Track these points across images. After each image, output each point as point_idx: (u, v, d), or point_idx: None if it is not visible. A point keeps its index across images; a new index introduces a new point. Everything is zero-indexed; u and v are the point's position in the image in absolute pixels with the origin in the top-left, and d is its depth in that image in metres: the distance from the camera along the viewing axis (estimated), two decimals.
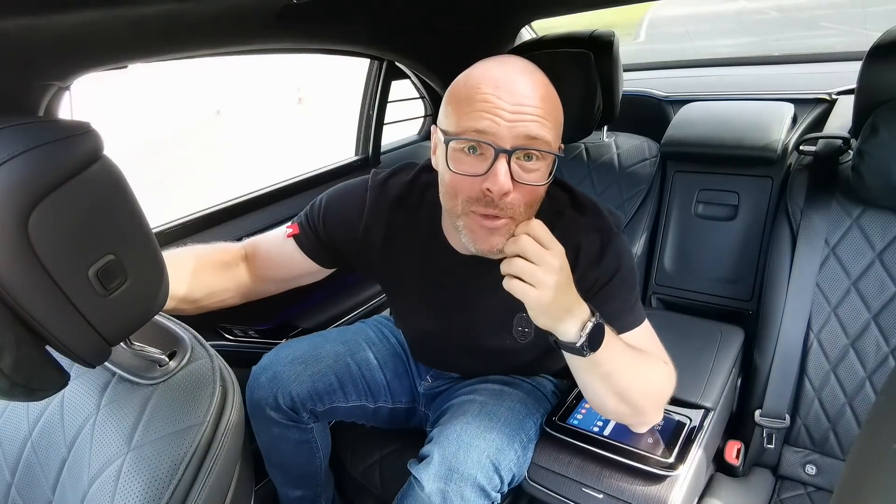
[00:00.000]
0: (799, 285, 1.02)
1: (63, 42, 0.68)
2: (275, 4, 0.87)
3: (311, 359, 0.99)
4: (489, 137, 0.64)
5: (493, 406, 0.88)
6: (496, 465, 0.81)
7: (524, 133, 0.64)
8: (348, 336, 1.07)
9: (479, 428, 0.83)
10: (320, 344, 1.03)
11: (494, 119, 0.63)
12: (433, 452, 0.81)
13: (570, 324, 0.66)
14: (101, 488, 0.51)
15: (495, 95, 0.64)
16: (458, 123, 0.66)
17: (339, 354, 1.01)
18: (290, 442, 1.00)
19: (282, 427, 0.98)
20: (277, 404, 0.95)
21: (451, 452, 0.80)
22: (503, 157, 0.64)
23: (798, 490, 1.00)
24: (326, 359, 1.00)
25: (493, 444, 0.82)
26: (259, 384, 0.96)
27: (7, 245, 0.42)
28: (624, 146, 1.37)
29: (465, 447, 0.80)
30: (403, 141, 1.65)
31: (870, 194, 0.97)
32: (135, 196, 0.51)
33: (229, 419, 0.57)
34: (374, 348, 1.06)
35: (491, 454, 0.81)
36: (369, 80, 1.41)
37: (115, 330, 0.51)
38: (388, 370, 1.05)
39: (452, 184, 0.68)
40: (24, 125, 0.44)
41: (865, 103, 0.96)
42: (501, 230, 0.67)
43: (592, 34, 1.27)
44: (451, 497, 0.78)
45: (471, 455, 0.80)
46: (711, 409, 0.89)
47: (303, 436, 1.01)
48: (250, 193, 1.24)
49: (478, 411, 0.86)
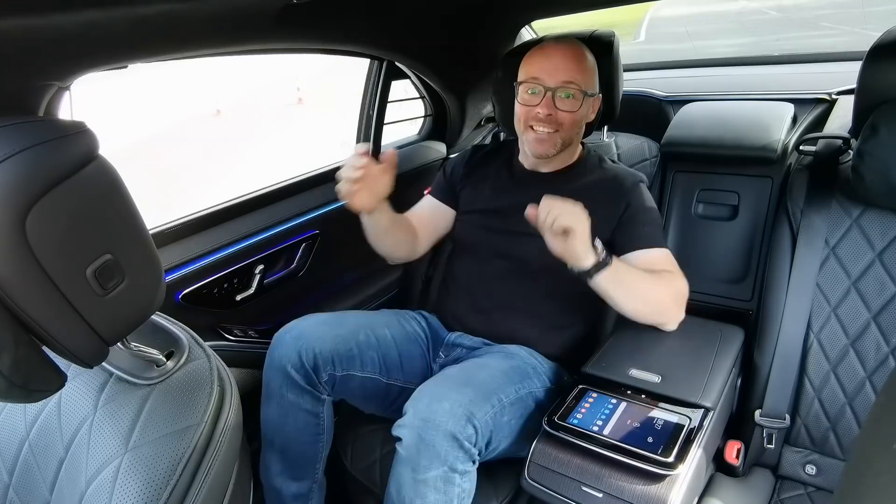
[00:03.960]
0: (799, 285, 1.02)
1: (63, 42, 0.68)
2: (275, 4, 0.87)
3: (335, 322, 1.04)
4: (539, 81, 1.06)
5: (473, 370, 0.97)
6: (468, 415, 0.84)
7: (561, 79, 1.05)
8: (369, 316, 1.15)
9: (455, 383, 0.90)
10: (344, 315, 1.11)
11: (543, 69, 1.06)
12: (408, 408, 0.87)
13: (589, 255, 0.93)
14: (99, 489, 0.51)
15: (545, 56, 1.07)
16: (523, 74, 1.09)
17: (360, 325, 1.07)
18: (300, 413, 1.00)
19: (297, 392, 0.99)
20: (301, 362, 0.97)
21: (423, 405, 0.86)
22: (548, 93, 1.05)
23: (798, 490, 1.00)
24: (349, 325, 1.05)
25: (466, 395, 0.87)
26: (283, 342, 0.99)
27: (5, 245, 0.42)
28: (624, 146, 1.37)
29: (438, 399, 0.86)
30: (404, 141, 1.65)
31: (870, 194, 0.97)
32: (131, 196, 0.50)
33: (227, 420, 0.57)
34: (392, 329, 1.11)
35: (463, 404, 0.85)
36: (369, 80, 1.41)
37: (112, 330, 0.51)
38: (402, 349, 1.10)
39: (519, 113, 1.10)
40: (18, 125, 0.44)
41: (865, 103, 0.96)
42: (548, 141, 1.08)
43: (592, 34, 1.27)
44: (424, 447, 0.82)
45: (442, 405, 0.84)
46: (711, 409, 0.89)
47: (315, 406, 1.01)
48: (250, 193, 1.24)
49: (456, 373, 0.96)
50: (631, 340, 1.06)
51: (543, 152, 1.09)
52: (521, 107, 1.09)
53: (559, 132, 1.07)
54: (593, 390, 0.94)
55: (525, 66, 1.10)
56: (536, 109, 1.06)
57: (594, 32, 1.27)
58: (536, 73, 1.06)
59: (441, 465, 0.83)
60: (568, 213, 0.88)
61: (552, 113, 1.05)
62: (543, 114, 1.05)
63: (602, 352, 1.03)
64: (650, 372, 0.95)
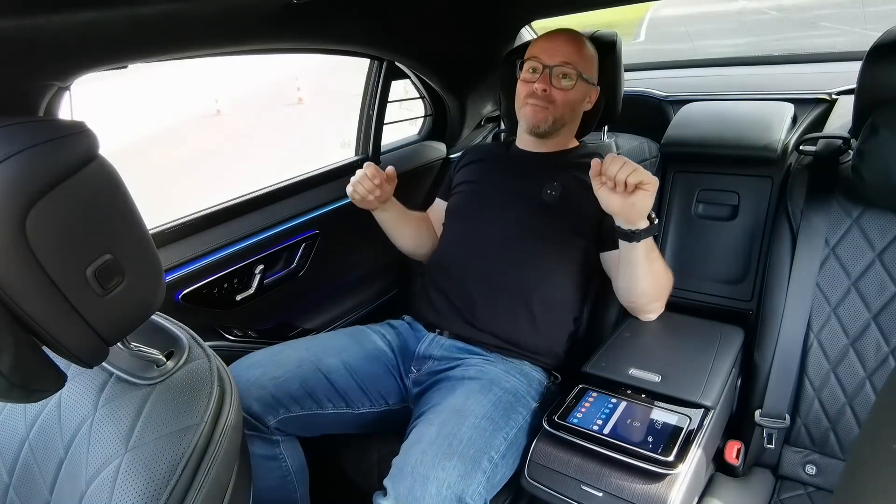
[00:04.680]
0: (799, 285, 1.02)
1: (63, 42, 0.68)
2: (275, 4, 0.87)
3: (270, 363, 0.97)
4: (539, 59, 1.12)
5: (454, 426, 0.86)
6: (460, 495, 0.77)
7: (560, 59, 1.11)
8: (314, 343, 1.07)
9: (438, 456, 0.80)
10: (281, 350, 1.02)
11: (544, 50, 1.13)
12: (389, 489, 0.78)
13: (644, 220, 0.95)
14: (99, 489, 0.51)
15: (547, 39, 1.15)
16: (527, 53, 1.15)
17: (302, 360, 0.99)
18: (256, 460, 0.93)
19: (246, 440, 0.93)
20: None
21: (405, 488, 0.77)
22: (546, 70, 1.11)
23: (798, 490, 1.00)
24: (288, 364, 0.98)
25: (455, 471, 0.79)
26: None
27: (5, 245, 0.42)
28: (624, 146, 1.37)
29: (422, 481, 0.77)
30: (404, 141, 1.65)
31: (870, 194, 0.97)
32: (131, 196, 0.50)
33: (227, 419, 0.57)
34: (345, 354, 1.04)
35: (452, 483, 0.77)
36: (369, 80, 1.41)
37: (113, 330, 0.51)
38: (361, 374, 1.03)
39: (519, 89, 1.16)
40: (18, 125, 0.44)
41: (865, 103, 0.96)
42: (541, 114, 1.13)
43: (594, 35, 1.27)
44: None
45: (428, 489, 0.76)
46: (711, 409, 0.89)
47: (268, 450, 0.95)
48: (250, 193, 1.24)
49: (435, 435, 0.84)
50: (631, 340, 1.06)
51: (536, 123, 1.13)
52: (521, 84, 1.16)
53: (551, 109, 1.12)
54: (593, 390, 0.95)
55: (529, 48, 1.17)
56: (535, 85, 1.11)
57: (595, 33, 1.27)
58: (537, 52, 1.13)
59: None
60: (641, 171, 0.90)
61: (547, 89, 1.10)
62: (539, 88, 1.10)
63: (602, 352, 1.03)
64: (650, 371, 0.95)
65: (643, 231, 0.95)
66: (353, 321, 1.41)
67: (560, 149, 1.20)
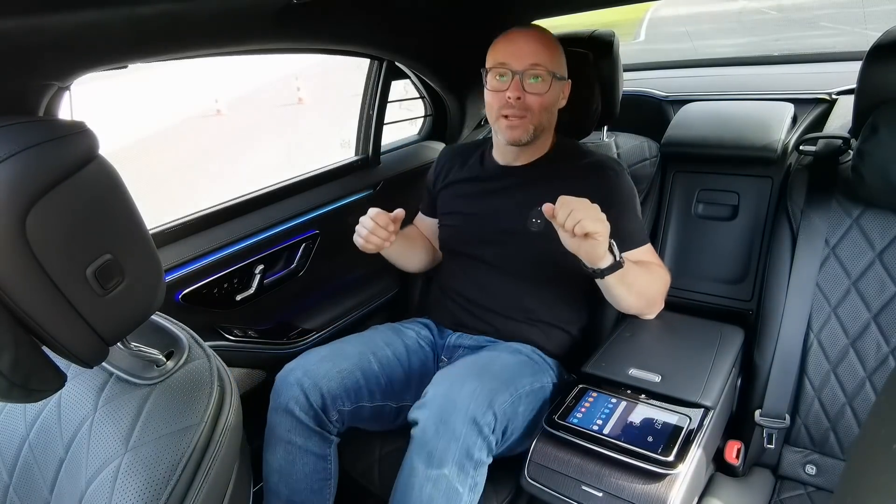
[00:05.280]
0: (799, 285, 1.02)
1: (63, 42, 0.68)
2: (275, 4, 0.87)
3: (336, 356, 1.02)
4: (506, 66, 1.03)
5: (487, 361, 0.98)
6: (490, 401, 0.85)
7: (529, 62, 1.02)
8: (367, 337, 1.12)
9: (472, 372, 0.91)
10: (342, 346, 1.07)
11: (509, 54, 1.04)
12: (428, 391, 0.89)
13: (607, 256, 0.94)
14: (99, 489, 0.51)
15: (509, 41, 1.05)
16: (490, 61, 1.07)
17: (361, 353, 1.05)
18: (308, 457, 0.96)
19: (305, 435, 0.95)
20: (309, 402, 0.94)
21: (444, 388, 0.87)
22: (516, 77, 1.03)
23: (798, 490, 1.00)
24: (351, 357, 1.03)
25: (487, 383, 0.88)
26: (288, 383, 0.95)
27: (5, 245, 0.42)
28: (624, 146, 1.37)
29: (459, 383, 0.87)
30: (404, 141, 1.65)
31: (870, 194, 0.97)
32: (131, 196, 0.50)
33: (227, 419, 0.57)
34: (393, 347, 1.10)
35: (484, 389, 0.86)
36: (369, 80, 1.41)
37: (112, 329, 0.51)
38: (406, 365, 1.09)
39: (490, 100, 1.08)
40: (18, 125, 0.44)
41: (865, 103, 0.96)
42: (520, 127, 1.06)
43: (592, 34, 1.27)
44: (443, 428, 0.83)
45: (464, 388, 0.86)
46: (711, 409, 0.89)
47: (323, 449, 0.98)
48: (250, 193, 1.24)
49: (471, 363, 0.97)
50: (631, 340, 1.06)
51: (517, 138, 1.06)
52: (490, 94, 1.07)
53: (528, 118, 1.05)
54: (593, 390, 0.95)
55: (491, 54, 1.07)
56: (506, 94, 1.03)
57: (594, 32, 1.27)
58: (503, 58, 1.04)
59: (458, 449, 0.82)
60: (591, 220, 0.86)
61: (521, 96, 1.03)
62: (513, 97, 1.03)
63: (602, 352, 1.03)
64: (650, 371, 0.95)
65: (606, 269, 0.94)
66: (354, 321, 1.41)
67: (539, 156, 1.15)
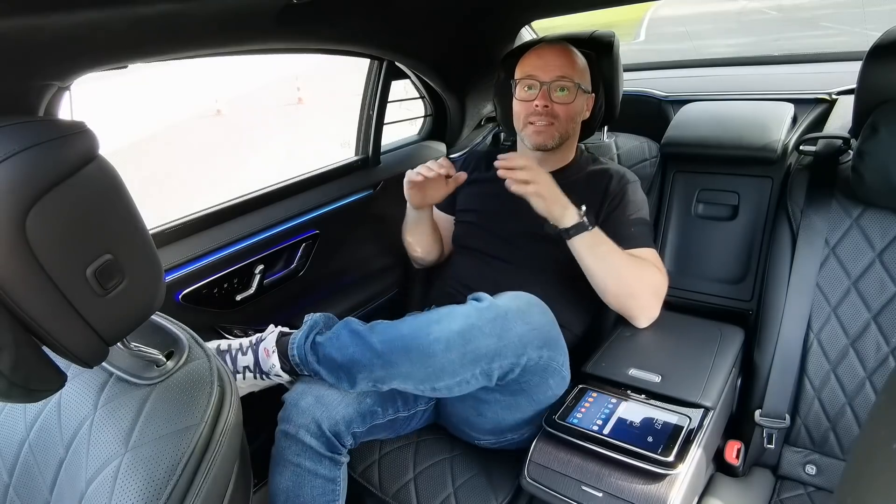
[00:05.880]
0: (799, 285, 1.02)
1: (63, 42, 0.68)
2: (275, 5, 0.87)
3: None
4: (535, 77, 1.12)
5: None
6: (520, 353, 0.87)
7: (556, 74, 1.11)
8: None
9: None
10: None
11: (538, 67, 1.12)
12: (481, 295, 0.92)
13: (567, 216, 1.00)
14: (99, 489, 0.51)
15: (538, 55, 1.14)
16: (519, 73, 1.15)
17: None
18: (317, 480, 0.92)
19: (315, 459, 0.91)
20: (321, 430, 0.90)
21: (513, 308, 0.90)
22: (544, 87, 1.11)
23: (798, 490, 1.00)
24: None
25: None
26: (299, 410, 0.91)
27: (5, 245, 0.42)
28: (624, 147, 1.37)
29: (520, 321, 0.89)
30: (404, 141, 1.65)
31: (870, 194, 0.97)
32: (131, 196, 0.50)
33: (227, 420, 0.57)
34: None
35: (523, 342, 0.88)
36: (369, 80, 1.41)
37: (112, 330, 0.51)
38: None
39: (518, 109, 1.16)
40: (18, 125, 0.44)
41: (865, 103, 0.96)
42: (546, 132, 1.13)
43: (593, 34, 1.27)
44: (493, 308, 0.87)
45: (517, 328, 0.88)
46: (711, 409, 0.89)
47: (332, 471, 0.94)
48: (250, 193, 1.24)
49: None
50: (631, 340, 1.06)
51: (543, 142, 1.14)
52: (519, 103, 1.15)
53: (555, 125, 1.13)
54: (593, 390, 0.95)
55: (521, 67, 1.16)
56: (534, 103, 1.11)
57: (594, 33, 1.27)
58: (531, 70, 1.13)
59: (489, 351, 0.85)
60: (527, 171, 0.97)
61: (549, 105, 1.11)
62: (541, 105, 1.10)
63: (602, 352, 1.03)
64: (650, 372, 0.95)
65: (571, 229, 0.99)
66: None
67: (560, 166, 1.20)
